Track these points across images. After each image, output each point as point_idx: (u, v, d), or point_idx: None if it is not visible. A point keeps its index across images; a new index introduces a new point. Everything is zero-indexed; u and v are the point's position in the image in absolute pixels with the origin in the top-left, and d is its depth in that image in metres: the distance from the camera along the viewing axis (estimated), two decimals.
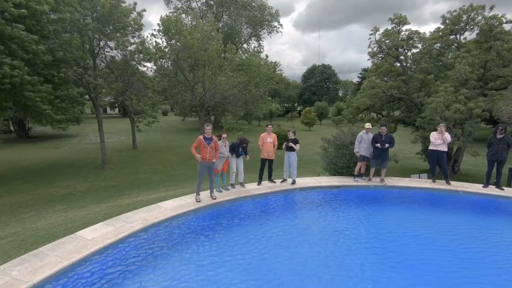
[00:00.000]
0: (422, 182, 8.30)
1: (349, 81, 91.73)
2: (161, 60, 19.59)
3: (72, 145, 27.27)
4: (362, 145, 8.12)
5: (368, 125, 8.19)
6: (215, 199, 6.74)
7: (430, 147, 8.19)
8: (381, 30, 15.91)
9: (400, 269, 4.27)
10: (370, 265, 4.36)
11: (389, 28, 16.17)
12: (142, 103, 16.84)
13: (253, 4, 43.21)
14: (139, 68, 18.37)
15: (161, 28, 19.00)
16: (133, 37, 17.98)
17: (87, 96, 17.77)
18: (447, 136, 7.88)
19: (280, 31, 46.02)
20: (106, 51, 18.53)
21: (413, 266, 4.37)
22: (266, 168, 8.16)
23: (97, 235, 4.95)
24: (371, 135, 8.10)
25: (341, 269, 4.29)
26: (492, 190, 7.57)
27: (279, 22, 44.34)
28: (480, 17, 15.02)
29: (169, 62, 22.39)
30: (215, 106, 22.05)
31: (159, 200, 9.32)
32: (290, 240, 5.21)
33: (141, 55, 17.46)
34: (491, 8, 14.47)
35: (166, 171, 18.69)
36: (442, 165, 8.04)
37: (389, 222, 6.21)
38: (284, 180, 8.25)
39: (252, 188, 7.74)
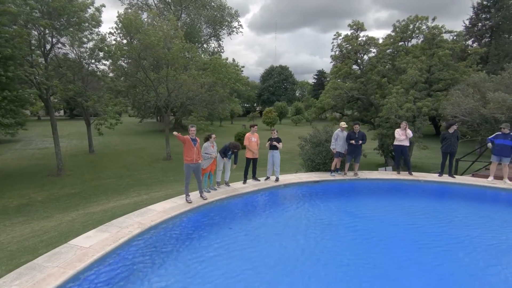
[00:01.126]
0: (389, 174, 9.28)
1: (305, 82, 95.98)
2: (122, 58, 18.58)
3: (15, 151, 24.40)
4: (338, 142, 8.79)
5: (343, 123, 8.89)
6: (206, 199, 6.80)
7: (395, 143, 9.19)
8: (343, 34, 17.15)
9: (381, 245, 5.01)
10: (355, 244, 5.11)
11: (349, 33, 17.49)
12: (103, 104, 15.81)
13: (213, 4, 42.92)
14: (98, 67, 17.24)
15: (119, 25, 18.09)
16: (91, 33, 16.83)
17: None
18: (409, 132, 8.93)
19: (241, 32, 46.46)
20: (58, 48, 17.05)
21: (391, 241, 5.20)
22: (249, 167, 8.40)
23: (94, 242, 4.74)
24: (345, 133, 8.81)
25: (334, 247, 5.00)
26: (446, 178, 8.77)
27: (239, 22, 44.71)
28: (424, 27, 17.01)
29: (128, 61, 21.38)
30: (181, 107, 21.57)
31: (137, 205, 9.09)
32: (291, 229, 5.61)
33: (100, 54, 16.39)
34: (433, 19, 16.51)
35: (132, 175, 17.83)
36: (405, 158, 9.08)
37: (366, 209, 6.95)
38: (268, 177, 8.57)
39: (239, 187, 7.92)
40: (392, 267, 4.35)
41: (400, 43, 17.74)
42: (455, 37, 18.06)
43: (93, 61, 16.74)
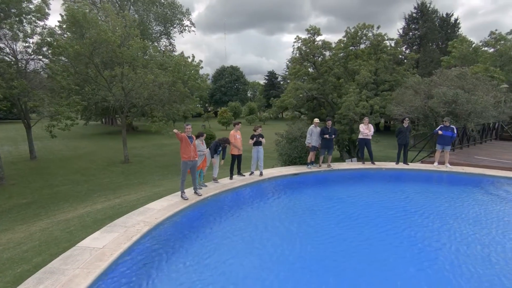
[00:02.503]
0: (356, 165, 10.45)
1: (256, 82, 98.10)
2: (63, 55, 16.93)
3: None
4: (313, 137, 9.62)
5: (316, 120, 9.76)
6: (200, 195, 6.97)
7: (360, 136, 10.38)
8: (302, 37, 18.35)
9: (358, 218, 6.16)
10: (338, 219, 6.13)
11: (306, 37, 18.78)
12: (55, 104, 14.36)
13: (163, 1, 41.45)
14: (46, 64, 15.55)
15: (65, 18, 16.64)
16: (35, 26, 15.23)
17: None
18: (371, 127, 10.20)
19: (193, 31, 45.62)
20: None
21: (365, 215, 6.28)
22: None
23: (106, 242, 4.69)
24: (319, 129, 9.68)
25: (320, 226, 5.81)
26: (401, 165, 10.23)
27: (191, 21, 43.91)
28: (370, 34, 19.09)
29: (79, 58, 19.69)
30: (141, 107, 20.65)
31: (115, 208, 8.80)
32: (285, 215, 6.24)
33: (44, 49, 14.89)
34: (378, 27, 18.65)
35: (89, 180, 16.56)
36: (368, 149, 10.32)
37: (342, 194, 7.93)
38: (252, 172, 9.01)
39: (227, 182, 8.21)
40: (366, 231, 5.51)
41: (351, 48, 19.63)
42: (393, 44, 20.64)
43: (40, 57, 15.09)
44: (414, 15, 31.48)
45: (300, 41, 18.48)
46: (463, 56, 24.52)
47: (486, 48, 24.78)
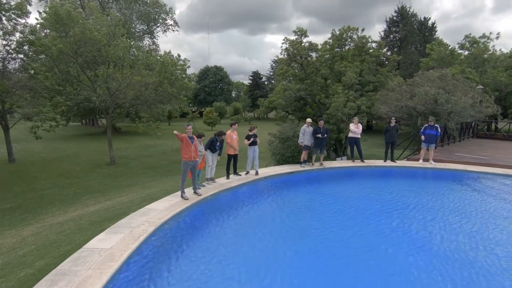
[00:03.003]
0: (346, 163, 10.83)
1: (240, 82, 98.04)
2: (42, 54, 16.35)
3: None
4: (305, 136, 9.89)
5: (309, 120, 10.03)
6: (200, 195, 7.04)
7: (350, 135, 10.76)
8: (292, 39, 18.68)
9: (352, 210, 6.68)
10: (333, 213, 6.52)
11: (293, 38, 19.14)
12: (39, 105, 13.86)
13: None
14: (29, 63, 14.95)
15: (47, 16, 16.11)
16: (16, 24, 14.66)
17: None
18: (360, 127, 10.60)
19: (177, 30, 45.01)
20: None
21: (357, 207, 6.81)
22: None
23: (114, 243, 4.70)
24: (311, 128, 9.96)
25: (317, 220, 6.19)
26: (389, 163, 10.71)
27: (175, 21, 43.31)
28: (355, 36, 19.70)
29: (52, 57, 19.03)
30: (129, 107, 20.26)
31: (109, 210, 8.71)
32: (285, 210, 6.41)
33: (31, 48, 14.36)
34: (363, 30, 19.29)
35: (75, 183, 16.09)
36: (358, 147, 10.72)
37: (336, 189, 8.32)
38: (248, 172, 9.15)
39: (224, 182, 8.31)
40: (359, 219, 6.13)
41: (336, 49, 20.18)
42: (374, 46, 21.38)
43: (22, 56, 14.51)
44: (394, 18, 32.76)
45: (287, 42, 18.80)
46: (440, 58, 25.75)
47: (461, 51, 26.13)
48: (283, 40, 18.60)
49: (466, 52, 26.74)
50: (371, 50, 19.12)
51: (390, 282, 3.97)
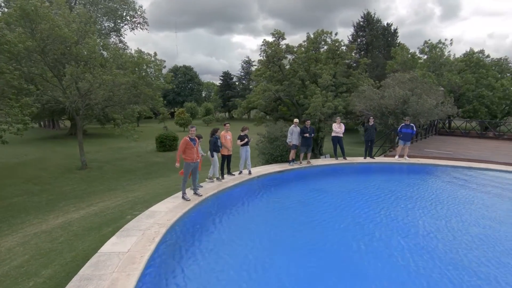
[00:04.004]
0: (330, 160, 11.45)
1: (210, 82, 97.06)
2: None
3: None
4: (293, 136, 10.32)
5: (296, 120, 10.47)
6: (201, 195, 7.13)
7: (333, 134, 11.39)
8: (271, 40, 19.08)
9: (338, 207, 7.10)
10: (323, 208, 6.97)
11: (271, 40, 19.60)
12: (6, 106, 12.75)
13: None
14: None
15: (11, 11, 14.95)
16: None
17: None
18: (343, 126, 11.28)
19: (146, 29, 43.46)
20: None
21: (347, 205, 7.23)
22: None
23: (130, 246, 4.70)
24: (298, 128, 10.41)
25: (310, 211, 6.81)
26: (368, 159, 11.51)
27: (144, 18, 41.81)
28: (329, 40, 20.64)
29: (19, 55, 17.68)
30: (101, 109, 19.33)
31: (97, 216, 8.45)
32: (284, 204, 6.77)
33: None
34: (336, 34, 20.28)
35: (46, 189, 15.08)
36: (341, 146, 11.38)
37: (324, 185, 8.88)
38: (241, 172, 9.35)
39: (220, 182, 8.43)
40: (347, 209, 6.91)
41: (312, 51, 20.98)
42: (345, 49, 22.58)
43: None
44: (361, 23, 34.78)
45: (266, 44, 19.21)
46: (403, 61, 27.86)
47: (421, 55, 28.46)
48: (262, 42, 19.03)
49: (425, 56, 29.23)
50: (344, 53, 20.16)
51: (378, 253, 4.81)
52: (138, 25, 41.31)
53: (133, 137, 19.22)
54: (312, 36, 20.58)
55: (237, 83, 78.49)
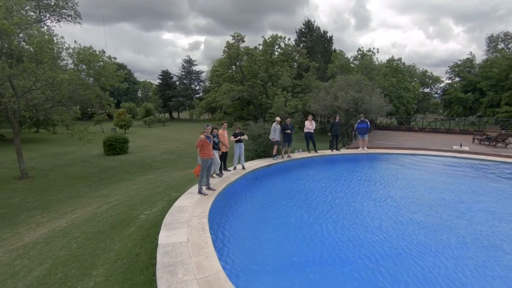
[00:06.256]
0: (306, 154, 12.81)
1: (147, 82, 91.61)
2: None
3: None
4: (276, 133, 11.33)
5: (278, 118, 11.50)
6: (215, 189, 7.59)
7: (305, 130, 12.78)
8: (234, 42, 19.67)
9: (320, 187, 8.62)
10: (309, 189, 8.41)
11: (231, 42, 20.25)
12: None
13: None
14: None
15: None
16: None
17: None
18: (314, 123, 12.76)
19: (79, 22, 38.82)
20: None
21: (322, 186, 8.80)
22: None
23: (186, 237, 5.03)
24: (279, 126, 11.45)
25: (301, 192, 7.81)
26: (335, 152, 13.25)
27: (76, 11, 37.43)
28: (283, 44, 22.29)
29: None
30: (41, 110, 17.21)
31: (91, 220, 8.08)
32: (284, 190, 7.76)
33: None
34: (289, 39, 22.04)
35: None
36: (313, 141, 12.83)
37: (303, 177, 9.99)
38: (235, 167, 9.95)
39: (224, 177, 8.92)
40: (326, 193, 8.07)
41: (268, 55, 22.35)
42: (293, 52, 24.67)
43: None
44: (303, 30, 37.90)
45: (227, 46, 19.79)
46: (341, 65, 31.48)
47: (355, 61, 32.58)
48: (226, 44, 19.53)
49: (357, 62, 33.56)
50: (296, 57, 22.04)
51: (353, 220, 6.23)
52: (69, 18, 36.88)
53: (87, 138, 17.66)
54: (268, 40, 21.91)
55: (177, 83, 76.06)
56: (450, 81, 41.69)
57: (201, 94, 72.94)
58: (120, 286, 4.37)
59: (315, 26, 38.54)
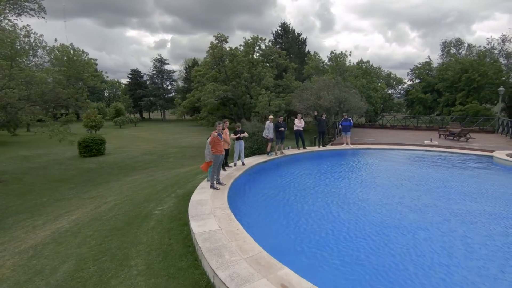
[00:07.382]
0: (296, 150, 13.55)
1: (115, 81, 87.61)
2: None
3: None
4: (270, 130, 11.92)
5: (271, 116, 12.10)
6: (224, 184, 8.00)
7: (295, 128, 13.54)
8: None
9: (311, 179, 9.72)
10: (304, 181, 9.36)
11: (214, 42, 20.51)
12: None
13: None
14: None
15: None
16: None
17: None
18: (303, 121, 13.55)
19: (43, 17, 36.28)
20: None
21: (313, 178, 9.89)
22: None
23: (217, 226, 5.44)
24: (272, 124, 12.06)
25: (298, 183, 8.95)
26: (322, 148, 14.15)
27: (40, 5, 35.01)
28: (263, 46, 22.97)
29: None
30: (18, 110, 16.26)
31: (93, 220, 8.12)
32: (285, 181, 8.42)
33: None
34: (269, 40, 22.75)
35: None
36: (302, 138, 13.62)
37: (298, 171, 10.84)
38: (235, 164, 10.38)
39: (227, 173, 9.33)
40: (317, 182, 9.28)
41: (251, 56, 22.91)
42: (273, 53, 25.51)
43: None
44: (279, 32, 38.97)
45: (211, 46, 20.02)
46: (316, 67, 32.93)
47: (329, 63, 34.22)
48: (210, 44, 19.73)
49: (331, 63, 35.27)
50: (276, 58, 22.84)
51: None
52: (32, 12, 34.44)
53: (68, 139, 16.97)
54: (249, 41, 22.46)
55: (148, 82, 73.75)
56: (411, 83, 45.22)
57: (173, 93, 71.45)
58: (165, 271, 4.69)
59: (290, 28, 39.83)
